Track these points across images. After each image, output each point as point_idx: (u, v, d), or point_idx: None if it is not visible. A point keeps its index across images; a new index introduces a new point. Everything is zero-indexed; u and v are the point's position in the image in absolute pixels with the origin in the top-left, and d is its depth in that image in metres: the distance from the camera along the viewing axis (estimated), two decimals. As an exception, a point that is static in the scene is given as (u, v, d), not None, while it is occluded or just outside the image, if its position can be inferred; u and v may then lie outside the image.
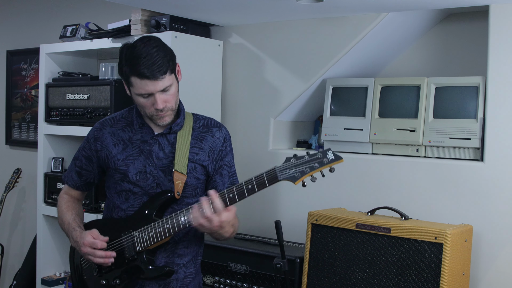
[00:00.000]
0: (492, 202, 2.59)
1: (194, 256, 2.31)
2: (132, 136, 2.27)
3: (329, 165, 2.00)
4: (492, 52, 2.61)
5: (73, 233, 2.25)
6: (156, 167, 2.22)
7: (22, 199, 4.65)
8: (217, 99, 3.42)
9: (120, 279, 2.21)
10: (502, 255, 2.57)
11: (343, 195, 2.98)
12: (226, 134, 2.32)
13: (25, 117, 4.59)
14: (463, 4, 2.72)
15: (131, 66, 2.07)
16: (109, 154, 2.27)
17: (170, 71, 2.11)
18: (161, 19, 3.17)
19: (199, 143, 2.26)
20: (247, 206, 3.38)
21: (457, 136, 2.70)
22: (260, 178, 2.04)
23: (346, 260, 2.54)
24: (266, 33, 3.30)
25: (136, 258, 2.17)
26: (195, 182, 2.24)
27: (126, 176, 2.24)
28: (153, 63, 2.05)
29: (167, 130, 2.23)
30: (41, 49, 3.76)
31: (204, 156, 2.25)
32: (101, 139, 2.30)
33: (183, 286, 2.27)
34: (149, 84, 2.07)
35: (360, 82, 3.03)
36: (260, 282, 2.78)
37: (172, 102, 2.16)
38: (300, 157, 2.01)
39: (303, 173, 2.00)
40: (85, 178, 2.37)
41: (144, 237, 2.16)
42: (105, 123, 2.33)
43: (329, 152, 1.99)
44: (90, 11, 4.11)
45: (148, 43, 2.09)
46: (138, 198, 2.24)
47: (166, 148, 2.23)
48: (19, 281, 4.08)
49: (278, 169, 2.02)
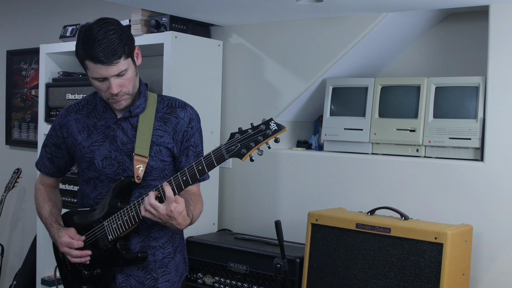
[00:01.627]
0: (492, 202, 2.59)
1: (170, 236, 2.31)
2: (96, 122, 2.26)
3: (273, 136, 1.95)
4: (492, 52, 2.61)
5: (50, 229, 2.28)
6: (121, 152, 2.22)
7: (22, 199, 4.65)
8: (217, 99, 3.42)
9: (101, 268, 2.23)
10: (502, 255, 2.57)
11: (343, 195, 2.98)
12: (192, 114, 2.28)
13: (25, 117, 4.59)
14: (463, 4, 2.72)
15: (86, 49, 2.05)
16: (75, 141, 2.27)
17: (126, 55, 2.08)
18: (161, 19, 3.16)
19: (163, 126, 2.24)
20: (247, 206, 3.38)
21: (457, 136, 2.70)
22: (208, 159, 2.00)
23: (346, 260, 2.54)
24: (266, 33, 3.30)
25: (110, 247, 2.19)
26: (162, 165, 2.23)
27: (92, 163, 2.24)
28: (106, 47, 2.02)
29: (127, 113, 2.21)
30: (41, 49, 3.76)
31: (168, 138, 2.23)
32: (67, 126, 2.29)
33: (162, 266, 2.28)
34: (103, 69, 2.06)
35: (360, 82, 3.03)
36: (260, 282, 2.78)
37: (128, 86, 2.14)
38: (244, 131, 1.96)
39: (248, 148, 1.95)
40: (57, 164, 2.38)
41: (113, 226, 2.16)
42: (70, 109, 2.33)
43: (272, 123, 1.95)
44: (90, 11, 4.11)
45: (105, 26, 2.06)
46: (106, 186, 2.24)
47: (129, 132, 2.22)
48: (19, 281, 4.08)
49: (224, 147, 1.97)
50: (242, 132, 1.97)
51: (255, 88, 3.34)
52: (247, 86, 3.38)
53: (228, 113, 3.46)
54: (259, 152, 1.96)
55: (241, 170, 3.40)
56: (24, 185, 4.56)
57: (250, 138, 1.95)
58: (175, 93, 3.11)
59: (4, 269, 4.59)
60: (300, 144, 3.36)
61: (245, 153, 1.95)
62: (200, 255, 2.98)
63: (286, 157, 3.22)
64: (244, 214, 3.40)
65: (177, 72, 3.14)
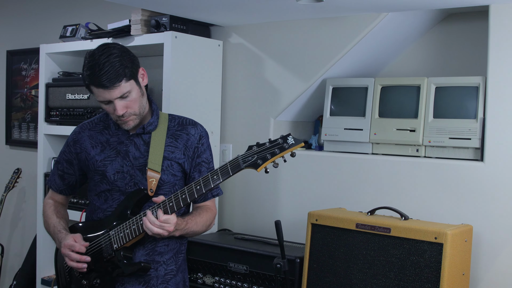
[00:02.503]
0: (492, 202, 2.59)
1: (175, 253, 2.34)
2: (109, 138, 2.32)
3: (289, 150, 2.03)
4: (492, 52, 2.61)
5: (58, 234, 2.31)
6: (133, 166, 2.27)
7: (22, 199, 4.65)
8: (217, 99, 3.41)
9: (100, 279, 2.24)
10: (502, 255, 2.57)
11: (343, 195, 2.98)
12: (202, 131, 2.35)
13: (25, 117, 4.59)
14: (463, 4, 2.72)
15: (88, 75, 2.13)
16: (88, 156, 2.32)
17: (128, 77, 2.14)
18: (161, 19, 3.16)
19: (174, 142, 2.30)
20: (247, 206, 3.38)
21: (457, 136, 2.70)
22: (224, 168, 2.07)
23: (346, 260, 2.54)
24: (266, 33, 3.30)
25: (113, 256, 2.21)
26: (173, 179, 2.28)
27: (104, 176, 2.28)
28: (107, 71, 2.09)
29: (141, 130, 2.28)
30: (41, 49, 3.76)
31: (179, 154, 2.29)
32: (80, 142, 2.35)
33: (163, 283, 2.30)
34: (105, 92, 2.13)
35: (360, 82, 3.03)
36: (260, 282, 2.78)
37: (134, 107, 2.20)
38: (262, 145, 2.04)
39: (264, 159, 2.03)
40: (67, 181, 2.42)
41: (120, 235, 2.19)
42: (83, 126, 2.40)
43: (289, 137, 2.03)
44: (90, 11, 4.11)
45: (106, 51, 2.13)
46: (116, 198, 2.28)
47: (141, 148, 2.28)
48: (19, 281, 4.08)
49: (241, 157, 2.05)
50: (260, 145, 2.05)
51: (255, 88, 3.34)
52: (247, 86, 3.38)
53: (228, 113, 3.46)
54: (275, 164, 2.04)
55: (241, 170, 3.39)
56: (24, 185, 4.56)
57: (267, 150, 2.03)
58: (175, 93, 3.11)
59: (4, 269, 4.58)
60: (300, 144, 3.36)
61: (261, 164, 2.03)
62: (200, 255, 2.98)
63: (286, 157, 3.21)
64: (244, 214, 3.40)
65: (177, 72, 3.14)
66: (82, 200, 3.52)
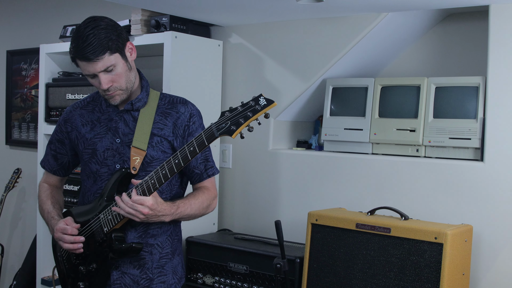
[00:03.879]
0: (492, 202, 2.59)
1: (169, 235, 2.31)
2: (100, 116, 2.30)
3: (262, 111, 1.95)
4: (492, 52, 2.61)
5: (51, 221, 2.30)
6: (123, 143, 2.24)
7: (22, 199, 4.65)
8: (217, 99, 3.41)
9: (96, 263, 2.24)
10: (502, 255, 2.57)
11: (343, 195, 2.98)
12: (193, 109, 2.31)
13: (25, 117, 4.59)
14: (463, 4, 2.72)
15: (73, 48, 2.11)
16: (79, 134, 2.31)
17: (112, 50, 2.11)
18: (161, 19, 3.16)
19: (163, 120, 2.27)
20: (247, 206, 3.38)
21: (457, 136, 2.70)
22: (199, 138, 2.01)
23: (346, 260, 2.54)
24: (266, 33, 3.30)
25: (105, 239, 2.19)
26: (162, 156, 2.24)
27: (94, 154, 2.26)
28: (89, 44, 2.07)
29: (129, 106, 2.25)
30: (41, 49, 3.75)
31: (168, 131, 2.26)
32: (71, 121, 2.34)
33: (158, 267, 2.28)
34: (89, 65, 2.11)
35: (360, 82, 3.03)
36: (260, 282, 2.78)
37: (119, 81, 2.17)
38: (234, 109, 1.97)
39: (238, 124, 1.95)
40: (60, 161, 2.41)
41: (108, 217, 2.17)
42: (75, 105, 2.39)
43: (261, 98, 1.95)
44: (90, 11, 4.08)
45: (92, 23, 2.11)
46: (105, 179, 2.26)
47: (130, 124, 2.26)
48: (19, 281, 4.08)
49: (215, 125, 1.98)
50: (232, 110, 1.98)
51: (255, 88, 3.34)
52: (247, 86, 3.38)
53: (228, 113, 3.45)
54: (250, 128, 1.97)
55: (241, 170, 3.40)
56: (24, 185, 4.55)
57: (239, 114, 1.95)
58: (175, 93, 3.10)
59: (4, 269, 4.58)
60: (300, 144, 3.36)
61: (235, 130, 1.95)
62: (200, 255, 2.98)
63: (286, 157, 3.22)
64: (244, 214, 3.40)
65: (177, 72, 3.14)
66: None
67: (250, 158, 3.34)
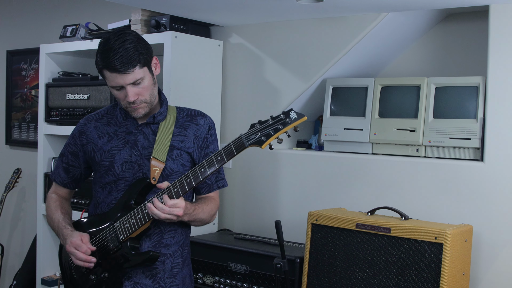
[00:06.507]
0: (492, 202, 2.59)
1: (180, 245, 2.33)
2: (117, 129, 2.30)
3: (292, 125, 2.02)
4: (492, 52, 2.61)
5: (63, 230, 2.28)
6: (142, 156, 2.25)
7: (22, 199, 4.65)
8: (217, 99, 3.42)
9: (108, 272, 2.22)
10: (502, 255, 2.57)
11: (343, 195, 2.98)
12: (211, 122, 2.36)
13: (25, 117, 4.59)
14: (463, 4, 2.72)
15: (103, 59, 2.13)
16: (95, 147, 2.30)
17: (142, 64, 2.14)
18: (161, 19, 3.17)
19: (183, 131, 2.29)
20: (247, 206, 3.38)
21: (457, 136, 2.70)
22: (228, 148, 2.06)
23: (346, 260, 2.54)
24: (266, 33, 3.30)
25: (120, 248, 2.19)
26: (182, 169, 2.26)
27: (111, 167, 2.26)
28: (122, 56, 2.09)
29: (151, 119, 2.27)
30: (41, 49, 3.76)
31: (189, 143, 2.28)
32: (86, 133, 2.33)
33: (170, 277, 2.29)
34: (118, 77, 2.12)
35: (360, 82, 3.03)
36: (260, 282, 2.78)
37: (145, 95, 2.19)
38: (264, 122, 2.04)
39: (268, 136, 2.02)
40: (72, 174, 2.40)
41: (125, 226, 2.18)
42: (89, 118, 2.38)
43: (292, 112, 2.03)
44: (90, 11, 4.11)
45: (121, 36, 2.13)
46: (121, 190, 2.26)
47: (150, 137, 2.27)
48: (19, 281, 4.08)
49: (244, 136, 2.04)
50: (262, 122, 2.04)
51: (255, 88, 3.34)
52: (247, 86, 3.38)
53: (228, 113, 3.46)
54: (278, 140, 2.03)
55: (241, 170, 3.40)
56: (24, 185, 4.56)
57: (270, 126, 2.02)
58: (175, 92, 3.11)
59: (4, 269, 4.59)
60: (300, 144, 3.36)
61: (265, 141, 2.01)
62: (200, 255, 2.98)
63: (286, 157, 3.22)
64: (244, 214, 3.40)
65: (177, 72, 3.14)
66: (82, 200, 3.52)
67: (250, 158, 3.34)
